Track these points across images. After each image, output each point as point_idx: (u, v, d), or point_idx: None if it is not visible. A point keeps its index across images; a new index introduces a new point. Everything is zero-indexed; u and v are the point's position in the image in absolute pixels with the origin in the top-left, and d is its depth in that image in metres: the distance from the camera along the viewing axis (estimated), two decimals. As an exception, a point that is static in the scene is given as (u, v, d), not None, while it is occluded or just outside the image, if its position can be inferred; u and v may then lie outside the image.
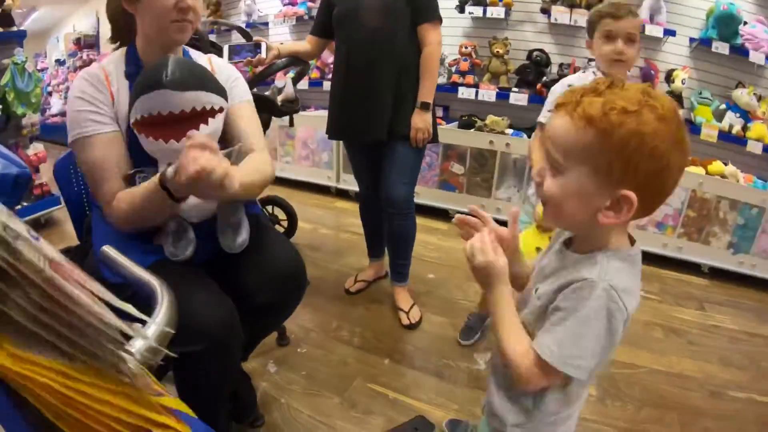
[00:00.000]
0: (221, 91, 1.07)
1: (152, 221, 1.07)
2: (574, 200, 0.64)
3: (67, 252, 1.82)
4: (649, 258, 2.17)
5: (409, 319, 1.95)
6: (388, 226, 1.95)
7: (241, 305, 1.19)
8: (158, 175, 0.95)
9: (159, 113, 0.98)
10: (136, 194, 1.01)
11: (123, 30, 1.15)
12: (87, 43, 6.25)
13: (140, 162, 1.08)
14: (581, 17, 2.74)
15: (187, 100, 0.99)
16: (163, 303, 0.61)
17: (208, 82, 1.03)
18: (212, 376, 1.04)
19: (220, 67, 1.24)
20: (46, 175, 3.01)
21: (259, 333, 1.36)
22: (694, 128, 2.62)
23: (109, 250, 0.77)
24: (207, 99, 1.02)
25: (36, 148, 3.18)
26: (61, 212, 3.07)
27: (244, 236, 1.11)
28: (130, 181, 1.07)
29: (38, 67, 6.68)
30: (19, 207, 2.93)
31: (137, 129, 1.02)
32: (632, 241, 0.71)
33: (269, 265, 1.14)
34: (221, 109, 1.07)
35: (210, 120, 1.04)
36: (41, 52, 7.99)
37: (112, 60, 1.12)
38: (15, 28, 3.15)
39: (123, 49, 1.14)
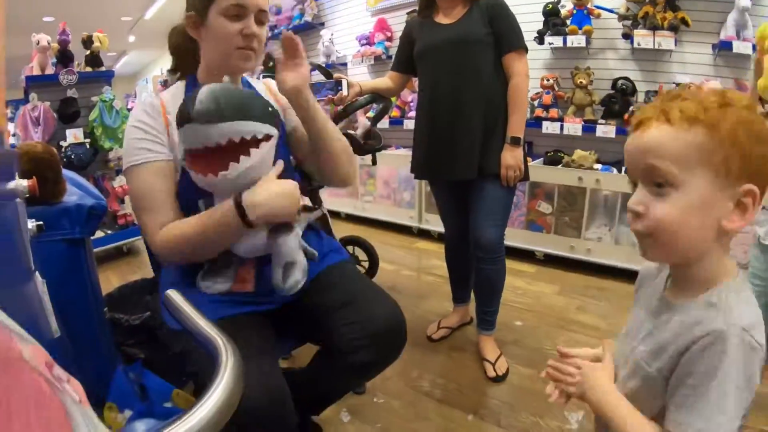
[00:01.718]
0: (267, 117, 0.96)
1: (205, 253, 1.03)
2: (697, 215, 0.58)
3: (141, 283, 1.85)
4: None
5: (495, 370, 1.80)
6: (476, 271, 1.83)
7: (331, 360, 1.11)
8: (233, 196, 0.91)
9: (195, 147, 0.92)
10: (197, 220, 0.97)
11: (185, 61, 1.15)
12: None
13: (200, 192, 1.01)
14: (665, 39, 2.57)
15: (221, 133, 0.90)
16: (226, 370, 0.50)
17: (248, 110, 0.92)
18: None
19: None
20: (129, 206, 3.16)
21: (343, 389, 1.28)
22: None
23: (174, 295, 0.69)
24: (246, 128, 0.92)
25: (121, 181, 3.38)
26: (142, 242, 3.19)
27: (296, 277, 1.01)
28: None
29: (128, 107, 7.23)
30: (101, 235, 3.09)
31: (186, 162, 0.98)
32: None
33: (368, 322, 1.05)
34: (267, 137, 0.96)
35: (253, 150, 0.93)
36: (131, 93, 8.72)
37: (171, 90, 1.12)
38: (103, 68, 3.38)
39: (183, 80, 1.14)
